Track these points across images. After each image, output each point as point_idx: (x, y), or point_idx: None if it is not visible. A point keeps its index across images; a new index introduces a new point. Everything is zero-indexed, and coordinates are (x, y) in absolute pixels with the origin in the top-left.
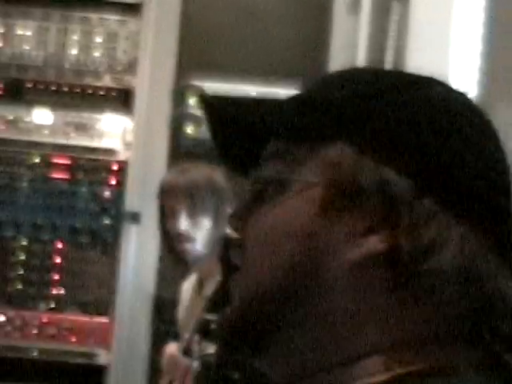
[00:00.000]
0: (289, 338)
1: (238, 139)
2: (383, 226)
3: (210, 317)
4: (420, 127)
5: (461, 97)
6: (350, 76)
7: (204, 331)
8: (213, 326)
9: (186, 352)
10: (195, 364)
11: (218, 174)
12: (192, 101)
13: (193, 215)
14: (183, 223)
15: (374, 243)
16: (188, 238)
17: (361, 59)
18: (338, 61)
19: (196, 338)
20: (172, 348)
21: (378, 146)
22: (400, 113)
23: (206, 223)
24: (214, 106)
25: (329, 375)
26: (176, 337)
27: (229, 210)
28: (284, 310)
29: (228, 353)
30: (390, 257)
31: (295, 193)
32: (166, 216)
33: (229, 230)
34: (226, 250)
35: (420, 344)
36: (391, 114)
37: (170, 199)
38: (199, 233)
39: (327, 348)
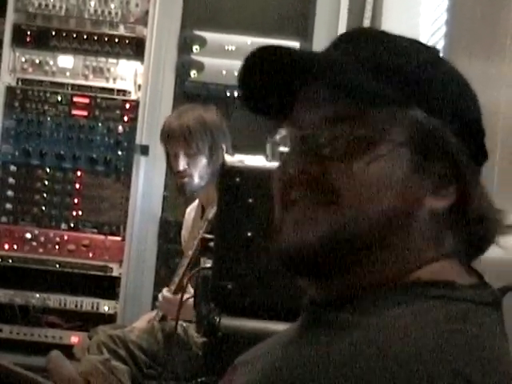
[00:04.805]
0: (375, 259)
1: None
2: (453, 180)
3: (210, 236)
4: (462, 94)
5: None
6: (408, 44)
7: (203, 248)
8: (211, 244)
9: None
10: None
11: (209, 114)
12: (196, 49)
13: (189, 155)
14: (181, 163)
15: (449, 196)
16: (186, 175)
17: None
18: (322, 18)
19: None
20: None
21: (444, 112)
22: (450, 82)
23: (202, 161)
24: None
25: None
26: (179, 254)
27: (223, 144)
28: (375, 239)
29: (319, 272)
30: (457, 206)
31: (387, 151)
32: (170, 157)
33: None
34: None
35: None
36: (446, 83)
37: (169, 143)
38: (196, 170)
39: (399, 267)
